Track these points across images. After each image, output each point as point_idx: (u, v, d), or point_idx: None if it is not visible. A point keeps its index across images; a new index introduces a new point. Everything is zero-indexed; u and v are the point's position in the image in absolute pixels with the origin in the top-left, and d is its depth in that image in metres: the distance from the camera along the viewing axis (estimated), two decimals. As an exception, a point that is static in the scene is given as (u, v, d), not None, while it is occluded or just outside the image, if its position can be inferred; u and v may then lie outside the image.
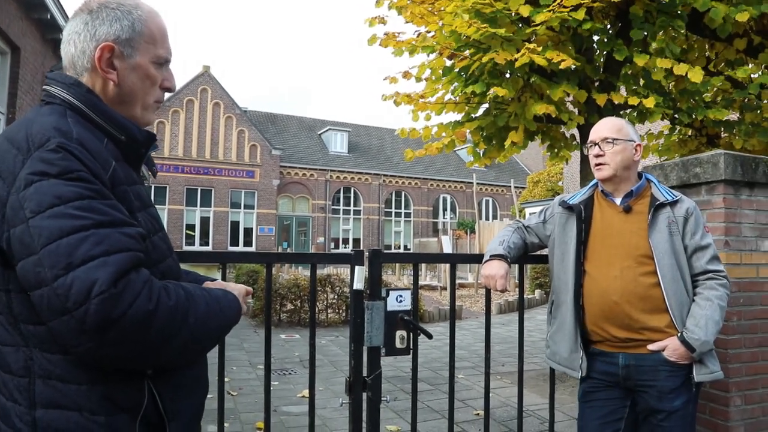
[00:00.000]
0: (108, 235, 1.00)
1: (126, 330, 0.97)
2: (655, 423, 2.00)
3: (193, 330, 1.10)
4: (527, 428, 4.39)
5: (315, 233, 32.27)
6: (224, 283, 1.40)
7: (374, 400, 2.11)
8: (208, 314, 1.14)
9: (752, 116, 5.70)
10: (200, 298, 1.14)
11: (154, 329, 1.01)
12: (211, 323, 1.16)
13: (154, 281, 1.05)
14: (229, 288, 1.35)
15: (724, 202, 2.57)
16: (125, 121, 1.19)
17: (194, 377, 1.26)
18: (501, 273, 2.15)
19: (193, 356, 1.20)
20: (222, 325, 1.21)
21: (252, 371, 6.40)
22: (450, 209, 37.07)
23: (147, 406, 1.12)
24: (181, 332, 1.07)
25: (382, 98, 6.03)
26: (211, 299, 1.18)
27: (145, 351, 1.03)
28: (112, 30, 1.18)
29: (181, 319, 1.06)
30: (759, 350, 2.65)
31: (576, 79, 5.19)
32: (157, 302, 1.02)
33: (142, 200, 1.20)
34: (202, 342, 1.16)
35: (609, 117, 2.27)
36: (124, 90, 1.21)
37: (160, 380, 1.15)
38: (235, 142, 30.04)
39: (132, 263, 1.01)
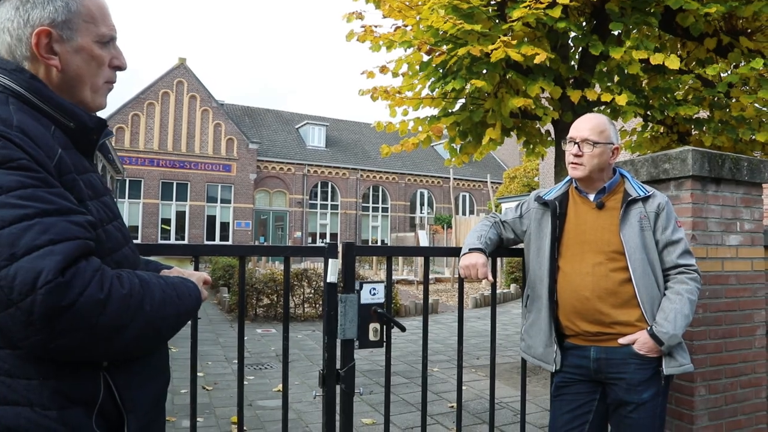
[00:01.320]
0: (54, 224, 0.97)
1: (76, 320, 0.95)
2: (624, 414, 2.04)
3: (149, 318, 1.08)
4: (501, 420, 4.45)
5: (292, 228, 32.11)
6: (182, 271, 1.38)
7: (348, 393, 2.12)
8: (165, 302, 1.12)
9: (721, 114, 5.83)
10: (156, 286, 1.12)
11: (107, 318, 0.99)
12: (167, 311, 1.13)
13: (105, 270, 1.02)
14: (187, 275, 1.33)
15: (692, 198, 2.62)
16: (73, 108, 1.15)
17: (153, 366, 1.24)
18: (482, 261, 2.18)
19: (151, 345, 1.18)
20: (179, 313, 1.19)
21: (228, 366, 6.37)
22: (427, 204, 37.19)
23: (103, 398, 1.10)
24: (136, 321, 1.05)
25: (359, 93, 6.02)
26: (168, 287, 1.16)
27: (98, 341, 1.00)
28: (46, 13, 1.13)
29: (135, 307, 1.04)
30: (723, 341, 2.72)
31: (551, 75, 5.25)
32: (109, 291, 1.00)
33: (94, 189, 1.17)
34: (160, 330, 1.14)
35: (592, 114, 2.26)
36: (70, 74, 1.17)
37: (117, 371, 1.13)
38: (211, 135, 29.69)
39: (80, 252, 0.99)
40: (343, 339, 2.13)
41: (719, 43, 5.66)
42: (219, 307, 11.45)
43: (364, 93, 5.93)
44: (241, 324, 2.11)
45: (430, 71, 5.62)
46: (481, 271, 2.15)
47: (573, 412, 2.10)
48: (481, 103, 5.72)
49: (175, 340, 5.70)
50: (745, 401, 2.79)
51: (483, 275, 2.15)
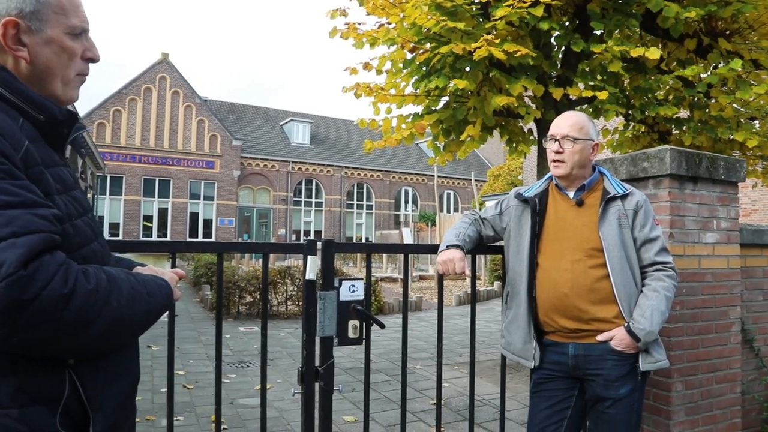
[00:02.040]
0: (17, 216, 0.95)
1: (39, 314, 0.93)
2: (602, 410, 2.06)
3: (116, 314, 1.06)
4: (483, 417, 4.47)
5: (276, 225, 31.97)
6: (155, 269, 1.36)
7: (327, 390, 2.12)
8: (133, 298, 1.11)
9: (700, 114, 5.91)
10: (124, 282, 1.11)
11: (71, 313, 0.97)
12: (136, 308, 1.12)
13: (71, 264, 1.00)
14: (159, 273, 1.31)
15: (670, 196, 2.65)
16: (43, 100, 1.13)
17: (122, 364, 1.22)
18: (459, 256, 2.19)
19: (119, 342, 1.16)
20: (149, 310, 1.17)
21: (209, 364, 6.32)
22: (412, 201, 37.24)
23: (68, 396, 1.08)
24: (103, 317, 1.03)
25: (343, 90, 6.00)
26: (138, 284, 1.15)
27: (62, 336, 0.99)
28: (13, 3, 1.10)
29: (101, 303, 1.03)
30: (699, 338, 2.76)
31: (534, 73, 5.27)
32: (74, 286, 0.98)
33: (63, 183, 1.14)
34: (128, 327, 1.12)
35: (572, 111, 2.28)
36: (39, 66, 1.15)
37: (83, 369, 1.10)
38: (194, 131, 29.44)
39: (44, 245, 0.97)
40: (322, 336, 2.12)
41: (699, 44, 5.73)
42: (201, 304, 11.36)
43: (347, 90, 5.91)
44: (219, 321, 2.09)
45: (413, 69, 5.62)
46: (458, 266, 2.16)
47: (551, 408, 2.12)
48: (465, 101, 5.73)
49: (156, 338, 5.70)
50: (721, 396, 2.83)
51: (461, 269, 2.16)
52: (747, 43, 5.73)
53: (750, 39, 5.75)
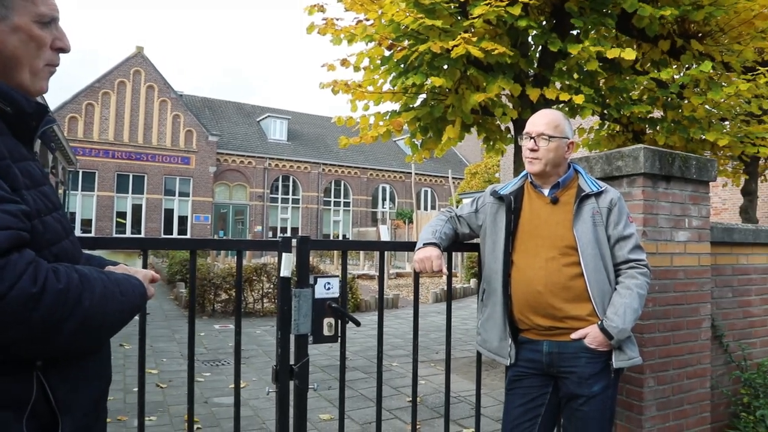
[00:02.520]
0: None
1: (7, 314, 0.90)
2: (575, 407, 2.07)
3: (88, 315, 1.02)
4: (458, 413, 4.48)
5: (253, 222, 31.70)
6: (128, 268, 1.32)
7: (301, 388, 2.09)
8: (106, 298, 1.07)
9: (674, 114, 6.00)
10: (97, 281, 1.07)
11: (40, 313, 0.94)
12: (108, 308, 1.08)
13: (40, 263, 0.97)
14: (132, 272, 1.28)
15: (643, 194, 2.69)
16: (10, 91, 1.09)
17: (92, 366, 1.19)
18: (436, 254, 2.18)
19: (91, 343, 1.12)
20: (122, 310, 1.13)
21: (183, 363, 6.23)
22: (389, 199, 37.25)
23: (36, 400, 1.04)
24: (73, 317, 1.00)
25: (320, 86, 5.96)
26: (110, 283, 1.11)
27: (33, 337, 0.95)
28: None
29: (73, 303, 0.99)
30: (671, 334, 2.80)
31: (511, 73, 5.29)
32: (43, 285, 0.94)
33: (32, 178, 1.10)
34: (100, 327, 1.09)
35: (547, 109, 2.28)
36: (6, 56, 1.11)
37: (52, 371, 1.07)
38: (169, 127, 29.01)
39: (12, 243, 0.93)
40: (297, 334, 2.09)
41: (673, 45, 5.82)
42: (176, 302, 11.22)
43: (325, 86, 5.87)
44: (191, 318, 2.05)
45: (391, 66, 5.61)
46: (435, 263, 2.15)
47: (526, 405, 2.12)
48: (442, 99, 5.74)
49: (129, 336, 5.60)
50: (691, 391, 2.88)
51: (438, 267, 2.15)
52: (718, 45, 5.83)
53: (721, 42, 5.86)
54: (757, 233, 3.44)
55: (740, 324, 3.40)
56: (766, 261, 3.55)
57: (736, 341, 3.36)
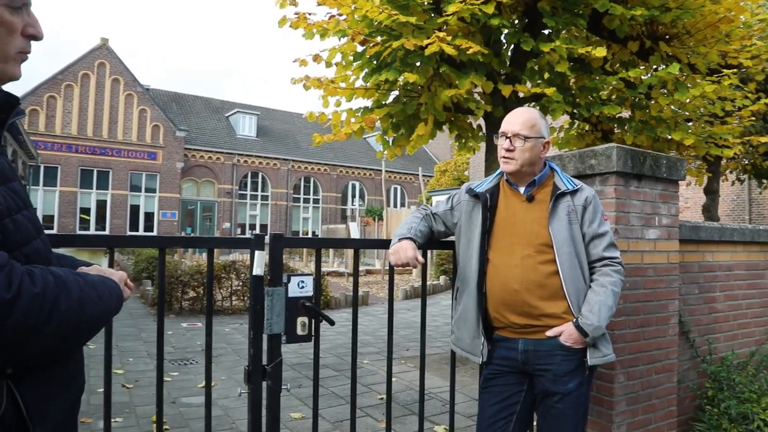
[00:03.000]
0: None
1: None
2: (550, 405, 2.07)
3: (65, 319, 0.97)
4: (430, 410, 4.48)
5: (221, 219, 31.27)
6: (101, 269, 1.26)
7: (274, 389, 2.05)
8: (83, 302, 1.02)
9: (641, 114, 6.11)
10: (73, 284, 1.02)
11: (15, 319, 0.88)
12: (86, 311, 1.03)
13: (14, 266, 0.91)
14: (107, 273, 1.22)
15: (615, 193, 2.71)
16: None
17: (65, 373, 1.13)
18: (410, 245, 2.16)
19: (67, 349, 1.07)
20: (99, 314, 1.08)
21: (150, 362, 6.10)
22: (359, 196, 37.19)
23: (6, 410, 0.98)
24: (51, 322, 0.94)
25: (292, 82, 5.88)
26: (87, 285, 1.06)
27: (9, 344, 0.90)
28: None
29: (49, 307, 0.94)
30: (641, 330, 2.84)
31: (483, 70, 5.31)
32: (18, 289, 0.89)
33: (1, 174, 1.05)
34: (78, 333, 1.04)
35: (524, 108, 2.27)
36: None
37: (23, 380, 1.01)
38: (135, 121, 28.38)
39: None
40: (270, 334, 2.05)
41: (641, 47, 5.93)
42: (142, 300, 10.98)
43: (296, 81, 5.79)
44: (160, 317, 1.99)
45: (364, 62, 5.57)
46: (410, 253, 2.13)
47: (501, 403, 2.12)
48: (415, 96, 5.73)
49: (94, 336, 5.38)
50: (659, 386, 2.93)
51: (413, 256, 2.12)
52: (685, 47, 5.96)
53: (687, 44, 5.99)
54: (722, 231, 3.52)
55: (705, 320, 3.48)
56: (730, 258, 3.64)
57: (702, 336, 3.43)
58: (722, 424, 3.04)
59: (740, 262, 3.70)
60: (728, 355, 3.45)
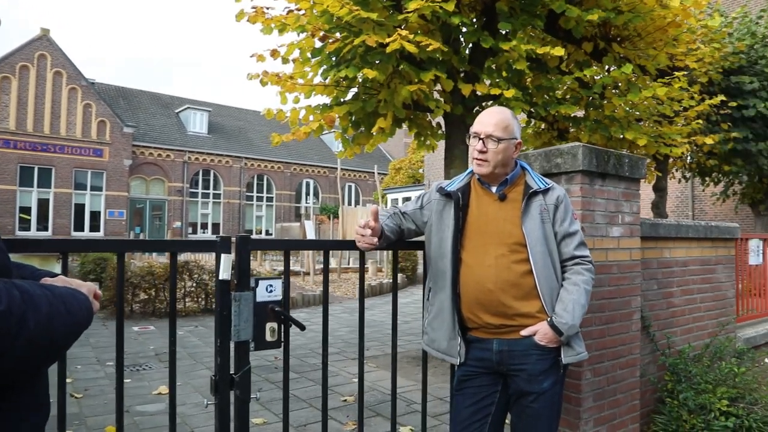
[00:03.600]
0: None
1: None
2: (525, 404, 2.06)
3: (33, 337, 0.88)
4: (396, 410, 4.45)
5: (171, 217, 30.44)
6: (67, 279, 1.15)
7: (243, 399, 1.96)
8: (52, 317, 0.93)
9: (596, 114, 6.25)
10: (41, 299, 0.92)
11: None
12: (55, 328, 0.94)
13: None
14: (74, 285, 1.12)
15: (581, 191, 2.73)
16: None
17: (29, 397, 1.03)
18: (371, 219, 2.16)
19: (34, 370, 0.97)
20: (70, 330, 0.99)
21: (100, 369, 5.84)
22: (313, 194, 36.91)
23: None
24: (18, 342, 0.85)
25: (248, 77, 5.73)
26: (55, 299, 0.96)
27: None
28: None
29: (16, 326, 0.85)
30: (606, 327, 2.88)
31: (444, 68, 5.31)
32: None
33: None
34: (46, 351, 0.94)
35: (497, 108, 2.24)
36: None
37: None
38: (80, 116, 27.23)
39: None
40: (238, 341, 1.96)
41: (595, 48, 6.05)
42: (89, 303, 10.56)
43: (252, 77, 5.65)
44: (120, 325, 1.87)
45: (323, 58, 5.48)
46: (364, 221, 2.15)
47: (476, 405, 2.10)
48: (374, 93, 5.68)
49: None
50: (623, 381, 2.98)
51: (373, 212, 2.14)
52: (636, 49, 6.12)
53: (638, 46, 6.16)
54: (678, 228, 3.61)
55: (664, 314, 3.56)
56: (685, 254, 3.74)
57: (661, 330, 3.52)
58: (682, 415, 3.12)
59: (695, 257, 3.82)
60: (685, 348, 3.55)
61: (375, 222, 2.15)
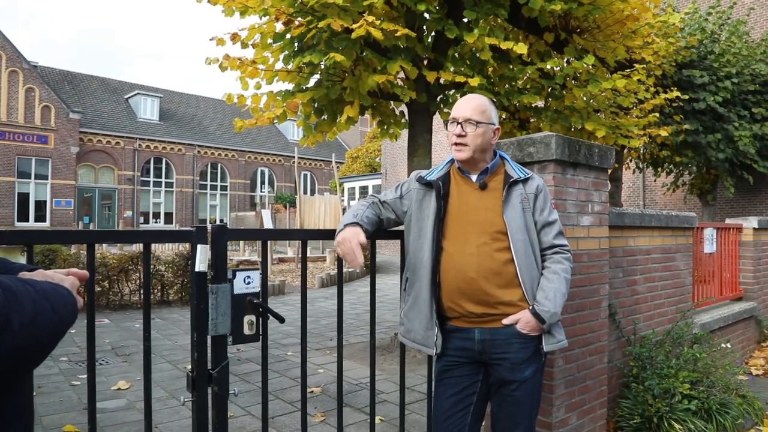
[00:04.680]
0: None
1: None
2: (507, 393, 2.06)
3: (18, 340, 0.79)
4: (362, 401, 4.43)
5: (122, 207, 29.51)
6: (47, 273, 1.06)
7: (221, 395, 1.89)
8: (37, 316, 0.84)
9: (557, 104, 6.33)
10: (25, 297, 0.83)
11: None
12: (40, 328, 0.85)
13: None
14: (56, 279, 1.03)
15: (554, 181, 2.75)
16: None
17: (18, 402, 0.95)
18: (356, 231, 2.06)
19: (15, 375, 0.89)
20: (56, 330, 0.90)
21: (53, 365, 5.60)
22: (268, 182, 36.43)
23: None
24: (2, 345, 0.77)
25: (206, 62, 5.54)
26: (39, 296, 0.87)
27: None
28: None
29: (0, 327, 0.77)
30: (577, 315, 2.92)
31: (408, 56, 5.27)
32: None
33: None
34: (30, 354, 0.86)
35: (474, 94, 2.24)
36: None
37: None
38: (22, 101, 26.00)
39: None
40: (215, 335, 1.89)
41: (557, 39, 6.12)
42: (36, 296, 10.13)
43: (211, 62, 5.47)
44: (90, 321, 1.77)
45: (285, 44, 5.35)
46: (362, 237, 2.04)
47: (457, 395, 2.09)
48: (338, 80, 5.59)
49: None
50: (592, 367, 3.03)
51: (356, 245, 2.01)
52: (595, 41, 6.23)
53: (598, 38, 6.27)
54: (642, 217, 3.70)
55: (628, 302, 3.65)
56: (648, 243, 3.84)
57: (626, 317, 3.60)
58: (647, 399, 3.21)
59: (656, 246, 3.92)
60: (648, 334, 3.65)
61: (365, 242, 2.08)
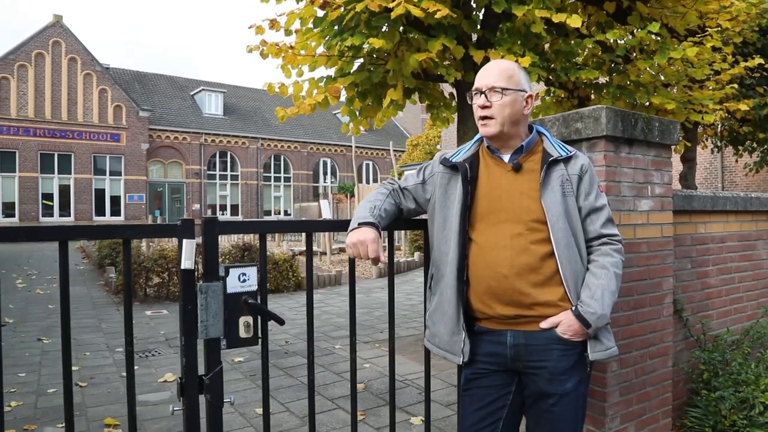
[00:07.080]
0: None
1: None
2: (545, 408, 1.76)
3: None
4: (406, 399, 4.21)
5: (190, 200, 30.52)
6: None
7: (215, 404, 1.71)
8: None
9: (619, 79, 5.83)
10: None
11: None
12: None
13: None
14: None
15: (605, 160, 2.41)
16: None
17: None
18: (371, 237, 1.78)
19: None
20: None
21: (109, 356, 5.69)
22: (330, 173, 36.69)
23: None
24: None
25: (247, 50, 5.43)
26: None
27: None
28: None
29: None
30: (634, 313, 2.57)
31: (454, 34, 4.94)
32: None
33: None
34: None
35: (497, 60, 1.93)
36: None
37: None
38: (96, 102, 27.28)
39: None
40: (207, 338, 1.70)
41: (618, 8, 5.61)
42: (106, 288, 10.50)
43: (252, 49, 5.35)
44: (128, 312, 1.62)
45: (325, 27, 5.14)
46: (371, 248, 1.76)
47: (485, 409, 1.80)
48: (381, 63, 5.34)
49: (49, 329, 4.97)
50: (654, 372, 2.67)
51: (374, 253, 1.76)
52: (663, 8, 5.67)
53: (665, 4, 5.70)
54: (714, 200, 3.26)
55: (698, 296, 3.23)
56: (722, 229, 3.39)
57: (695, 314, 3.19)
58: (720, 409, 2.80)
59: (732, 233, 3.46)
60: (722, 333, 3.21)
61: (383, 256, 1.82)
